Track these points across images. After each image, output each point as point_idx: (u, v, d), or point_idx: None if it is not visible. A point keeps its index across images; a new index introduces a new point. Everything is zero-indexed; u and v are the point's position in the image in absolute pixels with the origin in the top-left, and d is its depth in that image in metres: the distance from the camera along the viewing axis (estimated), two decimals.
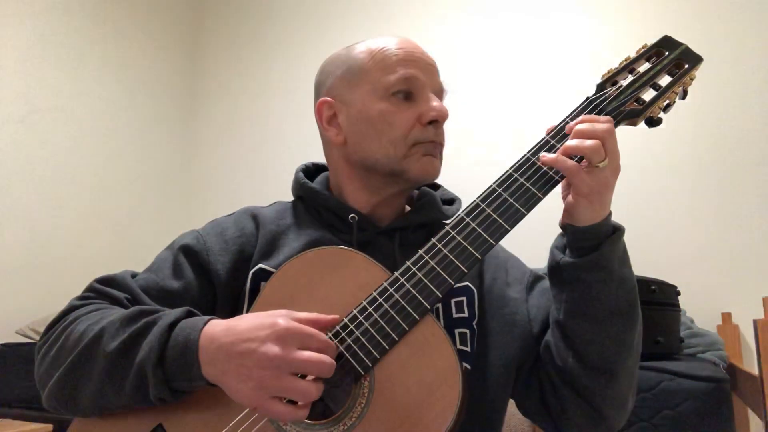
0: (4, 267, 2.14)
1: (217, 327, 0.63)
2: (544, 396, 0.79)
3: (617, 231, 0.73)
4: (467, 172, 1.83)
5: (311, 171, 0.93)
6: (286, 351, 0.58)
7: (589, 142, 0.67)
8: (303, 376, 0.60)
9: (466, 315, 0.79)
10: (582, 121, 0.70)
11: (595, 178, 0.67)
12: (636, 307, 0.74)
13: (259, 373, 0.58)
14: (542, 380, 0.79)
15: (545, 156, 0.69)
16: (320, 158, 0.94)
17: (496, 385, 0.79)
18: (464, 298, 0.80)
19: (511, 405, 0.86)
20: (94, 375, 0.65)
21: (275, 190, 1.47)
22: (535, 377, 0.80)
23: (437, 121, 0.79)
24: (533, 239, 1.17)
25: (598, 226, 0.70)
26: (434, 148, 0.80)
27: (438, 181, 0.94)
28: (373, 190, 0.83)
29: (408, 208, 0.90)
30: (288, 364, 0.58)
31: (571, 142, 0.68)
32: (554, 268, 0.75)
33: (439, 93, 0.82)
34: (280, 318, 0.60)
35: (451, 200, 0.91)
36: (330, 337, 0.65)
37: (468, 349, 0.77)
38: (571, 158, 0.68)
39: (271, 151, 2.71)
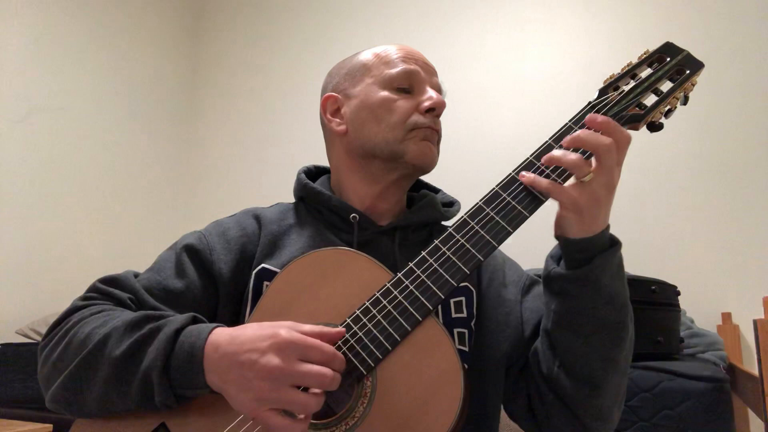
0: (4, 267, 2.14)
1: (221, 335, 0.62)
2: (531, 401, 0.79)
3: (614, 245, 0.71)
4: (467, 175, 1.83)
5: (312, 173, 0.94)
6: (286, 363, 0.57)
7: (572, 156, 0.65)
8: (306, 388, 0.59)
9: (464, 315, 0.79)
10: (587, 124, 0.68)
11: (581, 193, 0.66)
12: (624, 325, 0.71)
13: (258, 384, 0.57)
14: (529, 385, 0.79)
15: (524, 175, 0.68)
16: (319, 158, 0.95)
17: (490, 384, 0.79)
18: (463, 299, 0.80)
19: None
20: (99, 380, 0.65)
21: (275, 189, 1.48)
22: (523, 381, 0.81)
23: (434, 110, 0.81)
24: (533, 241, 1.17)
25: (591, 239, 0.68)
26: (432, 134, 0.82)
27: (438, 185, 0.95)
28: (373, 179, 0.84)
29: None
30: (287, 377, 0.57)
31: (555, 152, 0.67)
32: (546, 277, 0.75)
33: (438, 92, 0.85)
34: (282, 329, 0.59)
35: (451, 203, 0.92)
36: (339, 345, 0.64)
37: (466, 349, 0.78)
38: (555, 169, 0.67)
39: (271, 151, 2.71)
